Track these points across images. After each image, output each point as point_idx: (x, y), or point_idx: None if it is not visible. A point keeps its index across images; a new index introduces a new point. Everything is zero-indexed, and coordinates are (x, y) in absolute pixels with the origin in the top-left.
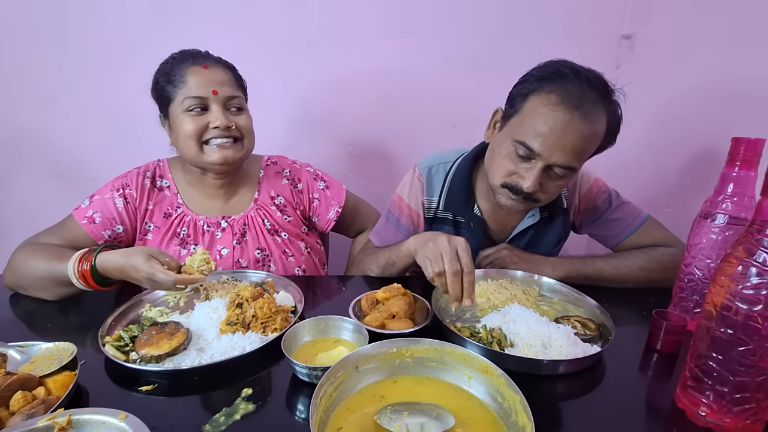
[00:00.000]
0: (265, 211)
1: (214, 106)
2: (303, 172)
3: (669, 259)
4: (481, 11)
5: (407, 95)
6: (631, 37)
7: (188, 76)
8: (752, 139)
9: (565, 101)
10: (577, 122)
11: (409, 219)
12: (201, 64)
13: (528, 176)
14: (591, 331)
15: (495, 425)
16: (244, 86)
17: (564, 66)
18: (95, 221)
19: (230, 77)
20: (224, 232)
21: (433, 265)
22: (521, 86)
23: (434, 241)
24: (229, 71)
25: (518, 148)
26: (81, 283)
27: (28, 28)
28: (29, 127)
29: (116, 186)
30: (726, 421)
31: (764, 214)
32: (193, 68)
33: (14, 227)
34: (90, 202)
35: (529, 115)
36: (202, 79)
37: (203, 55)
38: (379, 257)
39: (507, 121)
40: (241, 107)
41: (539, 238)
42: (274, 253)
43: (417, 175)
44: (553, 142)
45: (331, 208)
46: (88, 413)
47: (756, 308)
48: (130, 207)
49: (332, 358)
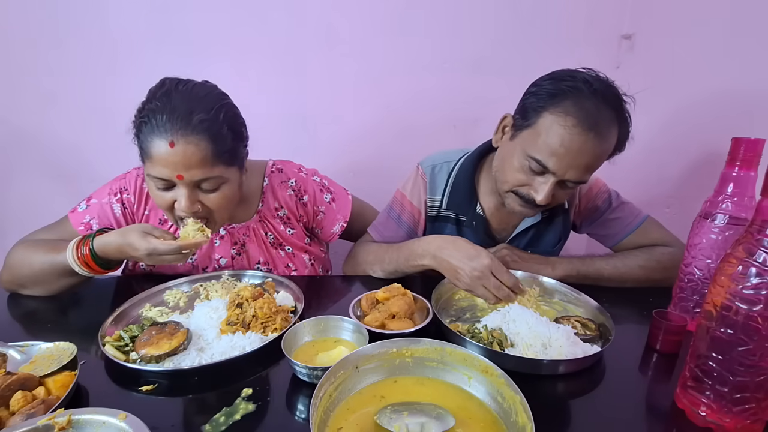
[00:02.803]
0: (268, 223)
1: (180, 188)
2: (309, 182)
3: (668, 259)
4: (481, 12)
5: (407, 95)
6: (631, 37)
7: (153, 149)
8: (752, 139)
9: (582, 123)
10: (593, 143)
11: (411, 216)
12: (168, 140)
13: (541, 190)
14: (591, 331)
15: (495, 425)
16: (229, 150)
17: (578, 80)
18: (92, 228)
19: (204, 155)
20: (223, 240)
21: (497, 292)
22: (534, 99)
23: (479, 260)
24: (204, 144)
25: (531, 163)
26: (83, 269)
27: (28, 28)
28: (29, 127)
29: (114, 189)
30: (726, 421)
31: (764, 214)
32: (158, 142)
33: (14, 227)
34: (87, 206)
35: (544, 133)
36: (166, 159)
37: (173, 124)
38: (384, 262)
39: (518, 131)
40: (215, 187)
41: (540, 237)
42: (278, 266)
43: (420, 173)
44: (568, 162)
45: (336, 223)
46: (88, 413)
47: (756, 308)
48: (128, 213)
49: (332, 358)
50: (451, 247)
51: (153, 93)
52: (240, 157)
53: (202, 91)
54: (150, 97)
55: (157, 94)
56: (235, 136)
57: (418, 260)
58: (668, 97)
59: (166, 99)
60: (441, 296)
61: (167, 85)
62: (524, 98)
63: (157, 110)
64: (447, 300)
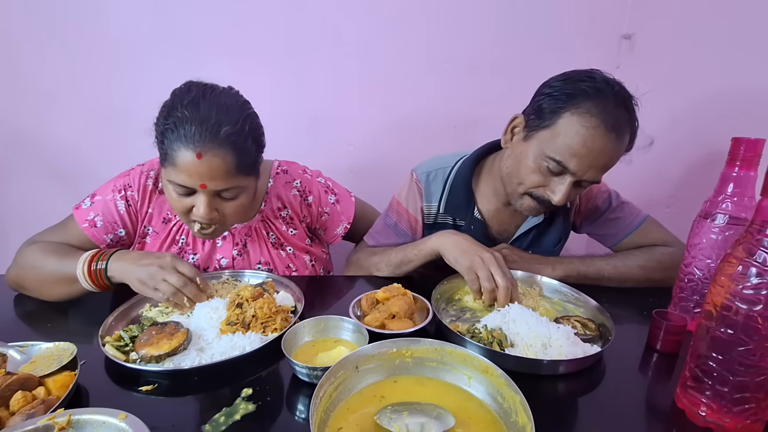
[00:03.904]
0: (270, 223)
1: (201, 196)
2: (314, 183)
3: (668, 258)
4: (481, 12)
5: (407, 95)
6: (631, 37)
7: (178, 157)
8: (752, 139)
9: (605, 123)
10: (613, 143)
11: (408, 224)
12: (195, 152)
13: (558, 191)
14: (591, 331)
15: (495, 425)
16: (251, 162)
17: (598, 81)
18: (96, 225)
19: (228, 167)
20: (225, 241)
21: (486, 282)
22: (551, 100)
23: (480, 256)
24: (230, 157)
25: (550, 163)
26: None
27: (28, 28)
28: (29, 127)
29: (118, 186)
30: (726, 421)
31: (764, 214)
32: (185, 152)
33: (14, 227)
34: (91, 202)
35: (564, 133)
36: (191, 169)
37: (202, 136)
38: (390, 256)
39: (533, 132)
40: (234, 196)
41: (541, 237)
42: (278, 267)
43: (415, 179)
44: (589, 163)
45: (340, 224)
46: (88, 413)
47: (756, 308)
48: (132, 210)
49: (332, 358)
50: (460, 235)
51: (180, 99)
52: (258, 167)
53: (228, 101)
54: (176, 103)
55: (184, 102)
56: (257, 148)
57: (426, 243)
58: (668, 97)
59: (194, 108)
60: (441, 296)
61: (195, 92)
62: (538, 99)
63: (185, 120)
64: (447, 300)
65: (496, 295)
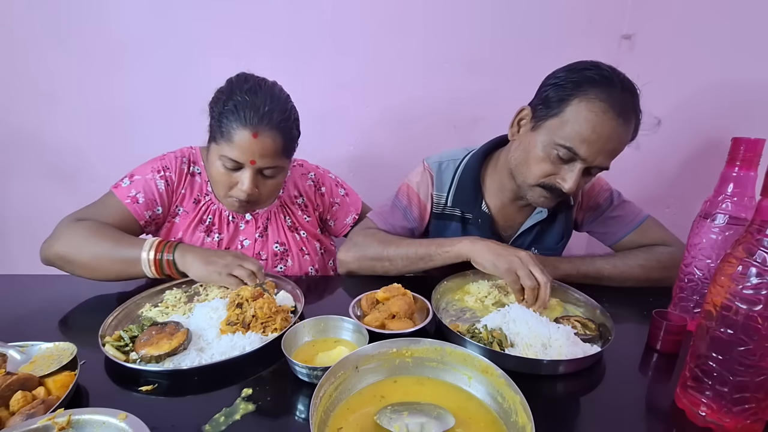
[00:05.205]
0: (287, 208)
1: (247, 171)
2: (326, 177)
3: (668, 258)
4: (481, 12)
5: (407, 95)
6: (631, 37)
7: (235, 135)
8: (752, 139)
9: (613, 108)
10: (621, 128)
11: (417, 209)
12: (252, 131)
13: (569, 178)
14: (591, 331)
15: (495, 425)
16: (293, 146)
17: (603, 68)
18: (138, 201)
19: (278, 147)
20: (248, 225)
21: (527, 280)
22: (558, 89)
23: (517, 256)
24: (279, 139)
25: (560, 150)
26: (154, 271)
27: (28, 28)
28: (29, 127)
29: (156, 167)
30: (726, 421)
31: (764, 214)
32: (243, 131)
33: (14, 227)
34: (130, 181)
35: (573, 120)
36: (246, 146)
37: (260, 119)
38: (409, 250)
39: (541, 121)
40: (274, 174)
41: (544, 234)
42: (292, 248)
43: (427, 167)
44: (599, 148)
45: (349, 214)
46: (88, 413)
47: (756, 308)
48: (170, 189)
49: (332, 358)
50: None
51: (239, 86)
52: (294, 152)
53: (278, 93)
54: (235, 89)
55: (244, 88)
56: (297, 135)
57: (455, 246)
58: (668, 97)
59: (253, 94)
60: (441, 296)
61: (251, 81)
62: (544, 89)
63: (245, 104)
64: (447, 300)
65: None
